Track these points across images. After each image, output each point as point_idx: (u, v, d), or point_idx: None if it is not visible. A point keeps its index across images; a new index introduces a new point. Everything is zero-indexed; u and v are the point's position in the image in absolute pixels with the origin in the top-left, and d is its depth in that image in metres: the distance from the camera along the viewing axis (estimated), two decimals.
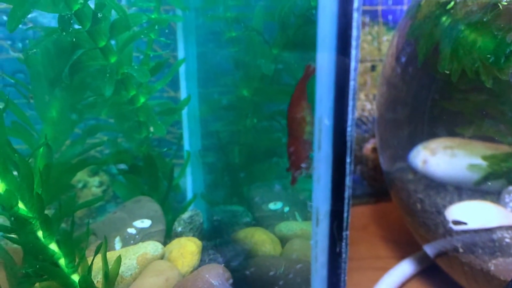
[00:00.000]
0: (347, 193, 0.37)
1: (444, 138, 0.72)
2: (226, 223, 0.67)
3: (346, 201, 0.37)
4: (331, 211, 0.37)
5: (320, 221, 0.38)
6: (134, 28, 0.62)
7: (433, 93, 0.69)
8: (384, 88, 0.76)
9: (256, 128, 0.69)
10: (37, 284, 0.51)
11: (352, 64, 0.34)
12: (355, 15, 0.33)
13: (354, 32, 0.34)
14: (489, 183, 0.66)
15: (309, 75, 0.46)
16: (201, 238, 0.63)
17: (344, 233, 0.37)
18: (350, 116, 0.35)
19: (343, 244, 0.38)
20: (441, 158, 0.71)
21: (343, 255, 0.38)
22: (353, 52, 0.34)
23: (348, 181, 0.36)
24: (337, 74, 0.35)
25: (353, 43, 0.34)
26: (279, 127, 0.67)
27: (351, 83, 0.34)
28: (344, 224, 0.37)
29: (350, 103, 0.35)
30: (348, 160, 0.36)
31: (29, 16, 0.61)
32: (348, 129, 0.35)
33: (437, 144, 0.72)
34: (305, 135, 0.43)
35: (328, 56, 0.34)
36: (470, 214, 0.65)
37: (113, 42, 0.61)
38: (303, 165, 0.42)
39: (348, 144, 0.36)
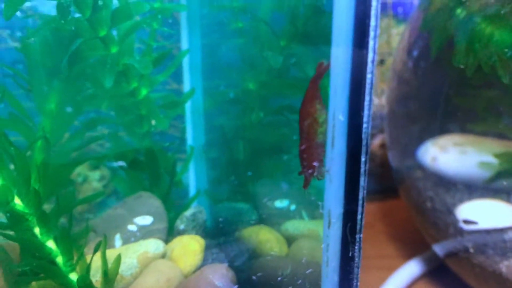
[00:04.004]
0: (362, 194, 0.35)
1: (455, 135, 0.71)
2: (230, 221, 0.66)
3: (360, 202, 0.35)
4: (344, 213, 0.36)
5: (332, 223, 0.36)
6: (136, 17, 0.61)
7: (445, 88, 0.68)
8: (395, 83, 0.75)
9: (262, 123, 0.68)
10: (34, 283, 0.50)
11: (370, 55, 0.32)
12: (374, 2, 0.31)
13: (373, 21, 0.32)
14: (504, 182, 0.65)
15: (321, 73, 0.44)
16: (205, 236, 0.62)
17: (357, 236, 0.36)
18: (366, 112, 0.33)
19: (356, 247, 0.36)
20: (451, 155, 0.70)
21: (356, 260, 0.36)
22: (371, 42, 0.32)
23: (362, 181, 0.35)
24: (353, 66, 0.33)
25: (371, 33, 0.32)
26: (286, 122, 0.66)
27: (368, 76, 0.32)
28: (358, 226, 0.35)
29: (367, 97, 0.33)
30: (363, 158, 0.34)
31: (29, 5, 0.60)
32: (364, 125, 0.33)
33: (447, 140, 0.71)
34: (318, 137, 0.42)
35: (343, 47, 0.32)
36: (481, 213, 0.65)
37: (114, 32, 0.60)
38: (316, 166, 0.40)
39: (364, 141, 0.34)
